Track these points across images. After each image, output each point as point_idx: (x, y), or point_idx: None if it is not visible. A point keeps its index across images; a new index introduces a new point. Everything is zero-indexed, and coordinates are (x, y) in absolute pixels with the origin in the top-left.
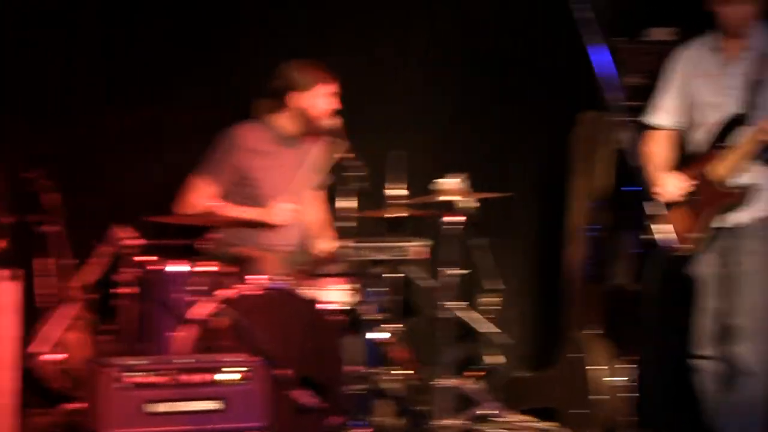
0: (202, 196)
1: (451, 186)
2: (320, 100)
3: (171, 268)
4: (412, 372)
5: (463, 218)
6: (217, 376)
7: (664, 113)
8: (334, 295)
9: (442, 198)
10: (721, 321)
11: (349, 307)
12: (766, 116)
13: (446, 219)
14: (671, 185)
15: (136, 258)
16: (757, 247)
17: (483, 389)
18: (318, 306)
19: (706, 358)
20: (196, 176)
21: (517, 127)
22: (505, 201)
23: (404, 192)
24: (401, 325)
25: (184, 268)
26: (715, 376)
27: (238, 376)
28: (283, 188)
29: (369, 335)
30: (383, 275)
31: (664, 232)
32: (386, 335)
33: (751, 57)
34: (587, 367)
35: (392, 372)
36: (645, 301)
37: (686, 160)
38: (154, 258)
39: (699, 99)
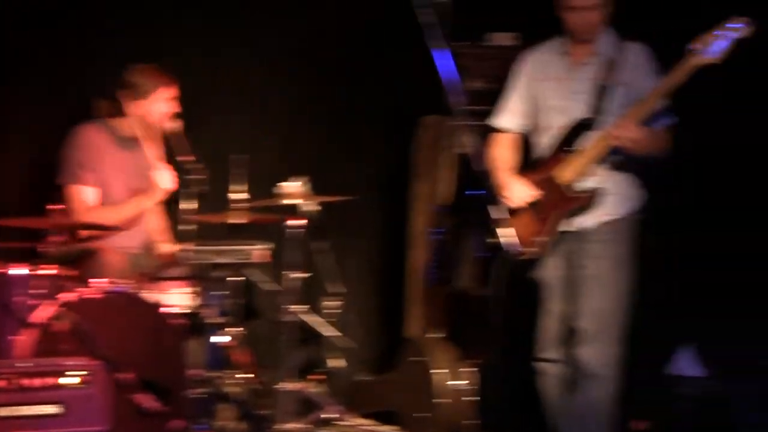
0: (88, 203)
1: (293, 189)
2: (160, 104)
3: (11, 271)
4: (254, 375)
5: (305, 221)
6: (58, 380)
7: (510, 116)
8: (176, 298)
9: (284, 201)
10: (565, 324)
11: (191, 311)
12: (612, 121)
13: (289, 222)
14: (518, 189)
15: None
16: (602, 251)
17: (325, 393)
18: (160, 309)
19: (550, 361)
20: (70, 185)
21: (360, 130)
22: (349, 204)
23: (246, 195)
24: (243, 329)
25: (24, 271)
26: (559, 379)
27: (78, 380)
28: (124, 191)
29: (211, 338)
30: (225, 278)
31: (509, 235)
32: (228, 339)
33: (598, 62)
34: (430, 371)
35: (234, 375)
36: (490, 304)
37: (533, 163)
38: None
39: (546, 103)
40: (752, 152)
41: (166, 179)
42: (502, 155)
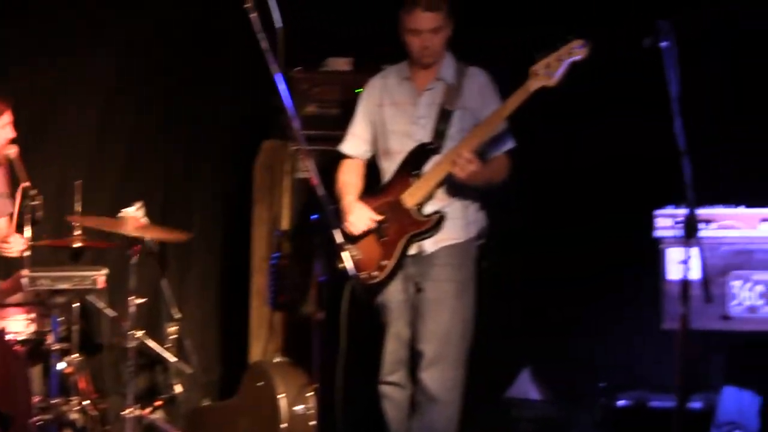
0: None
1: (131, 215)
2: (2, 131)
3: None
4: (95, 402)
5: (144, 247)
6: None
7: (355, 141)
8: (17, 324)
9: (123, 227)
10: (409, 348)
11: (31, 337)
12: (454, 146)
13: (128, 248)
14: (361, 214)
15: None
16: (443, 274)
17: (167, 419)
18: (3, 336)
19: (393, 385)
20: None
21: (202, 155)
22: (190, 229)
23: (85, 221)
24: (84, 355)
25: None
26: (402, 403)
27: None
28: None
29: (52, 365)
30: (65, 304)
31: (353, 260)
32: (69, 365)
33: (440, 87)
34: (274, 396)
35: (76, 402)
36: (333, 328)
37: (379, 188)
38: None
39: (390, 127)
40: (589, 172)
41: (17, 245)
42: (348, 180)
